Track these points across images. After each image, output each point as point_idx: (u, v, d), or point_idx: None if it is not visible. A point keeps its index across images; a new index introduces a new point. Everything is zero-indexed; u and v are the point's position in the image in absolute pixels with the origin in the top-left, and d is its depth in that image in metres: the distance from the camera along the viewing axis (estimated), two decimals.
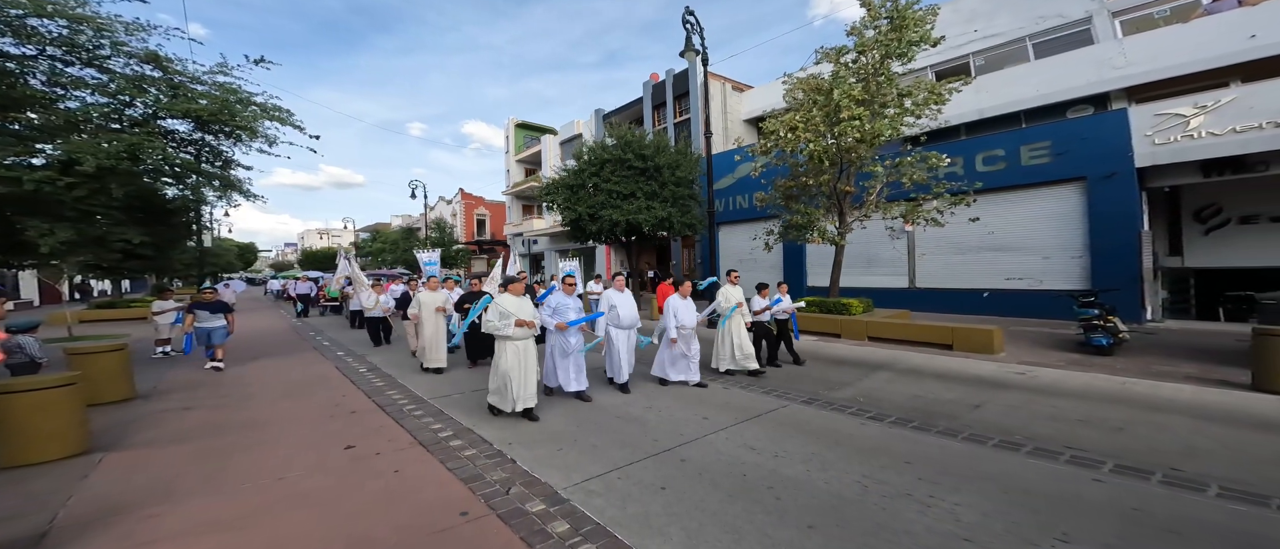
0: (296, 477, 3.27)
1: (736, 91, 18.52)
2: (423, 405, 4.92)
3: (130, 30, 7.38)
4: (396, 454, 3.63)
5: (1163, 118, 8.01)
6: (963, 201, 7.73)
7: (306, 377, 6.47)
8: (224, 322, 6.86)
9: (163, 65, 7.58)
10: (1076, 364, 5.76)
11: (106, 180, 6.99)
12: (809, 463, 3.23)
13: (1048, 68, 10.44)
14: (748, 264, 14.88)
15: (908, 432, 3.80)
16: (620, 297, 5.15)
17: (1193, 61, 8.51)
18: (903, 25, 7.39)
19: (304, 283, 15.98)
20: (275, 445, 3.88)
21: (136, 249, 8.55)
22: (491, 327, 4.10)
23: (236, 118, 7.62)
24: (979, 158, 10.12)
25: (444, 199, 35.70)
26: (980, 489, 2.81)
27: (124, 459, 3.68)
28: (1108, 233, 8.60)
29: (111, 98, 7.46)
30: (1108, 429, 3.77)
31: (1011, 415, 4.12)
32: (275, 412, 4.82)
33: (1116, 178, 8.39)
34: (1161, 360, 5.86)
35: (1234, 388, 4.64)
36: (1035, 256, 9.45)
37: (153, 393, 5.61)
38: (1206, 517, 2.47)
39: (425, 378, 6.19)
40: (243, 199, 9.20)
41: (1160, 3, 9.75)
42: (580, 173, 13.32)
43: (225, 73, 8.04)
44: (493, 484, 3.07)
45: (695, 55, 10.75)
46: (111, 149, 6.64)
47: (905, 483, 2.91)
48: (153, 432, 4.29)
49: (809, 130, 7.65)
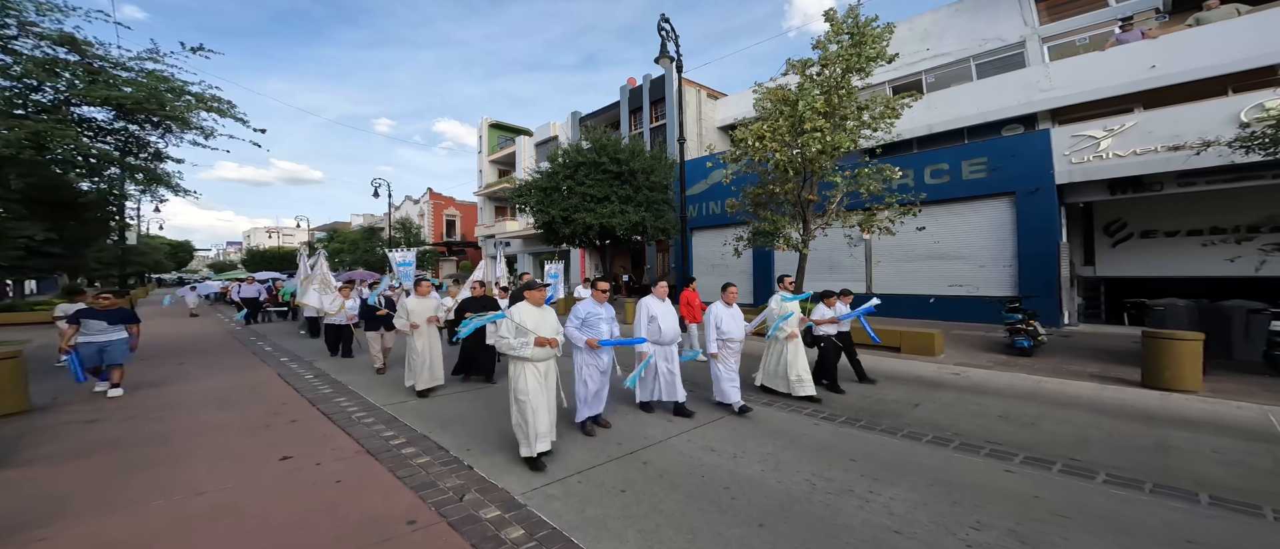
0: (218, 490, 3.01)
1: (711, 99, 18.94)
2: (374, 412, 4.67)
3: (42, 10, 6.64)
4: (339, 464, 3.42)
5: (1078, 139, 8.89)
6: (910, 212, 8.23)
7: (241, 384, 5.99)
8: (124, 334, 5.38)
9: (79, 48, 6.86)
10: (1001, 364, 6.26)
11: (4, 170, 6.22)
12: (764, 463, 3.32)
13: (986, 88, 11.35)
14: (720, 269, 15.19)
15: (855, 430, 3.99)
16: (661, 307, 4.33)
17: (1104, 87, 9.46)
18: (862, 41, 7.83)
19: (251, 285, 14.27)
20: (196, 458, 3.56)
21: (41, 246, 7.61)
22: (506, 346, 3.28)
23: (166, 107, 6.98)
24: (927, 171, 10.84)
25: (412, 198, 34.30)
26: (912, 483, 2.99)
27: (14, 477, 3.28)
28: (1032, 244, 9.39)
29: (15, 81, 6.66)
30: (1022, 424, 4.11)
31: (944, 413, 4.42)
32: (200, 422, 4.44)
33: (1040, 193, 9.21)
34: (1071, 361, 6.44)
35: (1126, 385, 5.20)
36: (973, 265, 10.21)
37: (52, 405, 5.02)
38: (1091, 502, 2.75)
39: (380, 383, 5.86)
40: (171, 194, 8.42)
41: (1082, 31, 10.88)
42: (555, 175, 13.18)
43: (155, 59, 7.38)
44: (445, 491, 2.96)
45: (670, 62, 10.93)
46: (11, 136, 5.92)
47: (849, 479, 3.05)
48: (49, 447, 3.85)
49: (775, 140, 7.93)
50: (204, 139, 7.91)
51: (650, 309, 4.33)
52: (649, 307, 4.33)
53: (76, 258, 9.94)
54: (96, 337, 5.17)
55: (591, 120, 21.28)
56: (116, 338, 5.30)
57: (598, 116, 21.52)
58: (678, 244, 16.12)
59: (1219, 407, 4.50)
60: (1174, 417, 4.28)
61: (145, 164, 7.92)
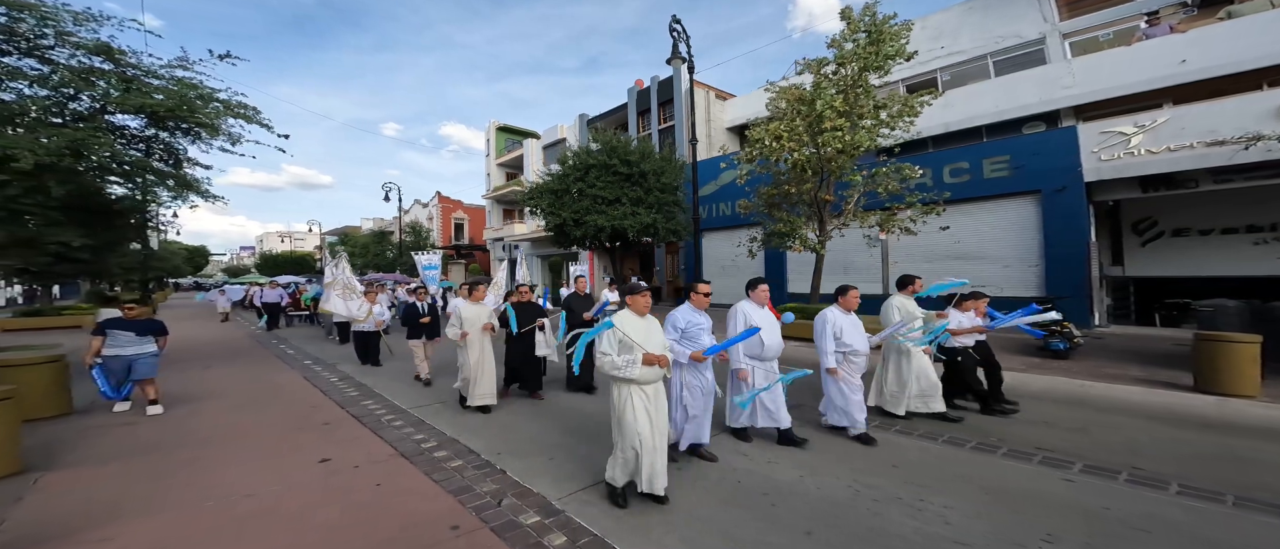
0: (265, 493, 3.06)
1: (720, 100, 18.89)
2: (403, 416, 4.71)
3: (79, 20, 6.84)
4: (375, 467, 3.45)
5: (1107, 135, 8.66)
6: (933, 211, 8.10)
7: (269, 387, 6.09)
8: (154, 347, 4.93)
9: (114, 57, 7.05)
10: (1036, 367, 6.06)
11: (44, 178, 6.41)
12: (800, 469, 3.27)
13: (1004, 85, 11.16)
14: (730, 271, 15.11)
15: (892, 435, 3.90)
16: (759, 313, 3.59)
17: (1132, 83, 9.24)
18: (880, 39, 7.75)
19: (273, 290, 13.93)
20: (239, 461, 3.63)
21: (70, 252, 7.78)
22: (609, 364, 2.73)
23: (196, 114, 7.14)
24: (946, 170, 10.67)
25: (420, 202, 34.69)
26: (962, 491, 2.90)
27: (63, 479, 3.36)
28: (1060, 243, 9.15)
29: (53, 90, 6.87)
30: (1070, 429, 3.98)
31: (984, 417, 4.30)
32: (234, 425, 4.51)
33: (1067, 191, 8.99)
34: (1110, 364, 6.21)
35: (1177, 389, 4.95)
36: (996, 265, 10.00)
37: (92, 408, 5.13)
38: (1167, 514, 2.62)
39: (406, 386, 5.92)
40: (200, 199, 8.61)
41: (1105, 26, 10.64)
42: (565, 177, 13.23)
43: (185, 67, 7.56)
44: (483, 496, 2.96)
45: (681, 62, 10.92)
46: (52, 145, 6.10)
47: (892, 486, 2.98)
48: (94, 449, 3.94)
49: (793, 139, 7.88)
50: (231, 145, 8.08)
51: (748, 316, 3.54)
52: (746, 313, 3.56)
53: (102, 263, 10.18)
54: (124, 349, 4.74)
55: (600, 122, 21.36)
56: (145, 352, 4.85)
57: (605, 118, 21.58)
58: (688, 246, 16.12)
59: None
60: (1233, 423, 4.11)
61: (174, 170, 8.11)
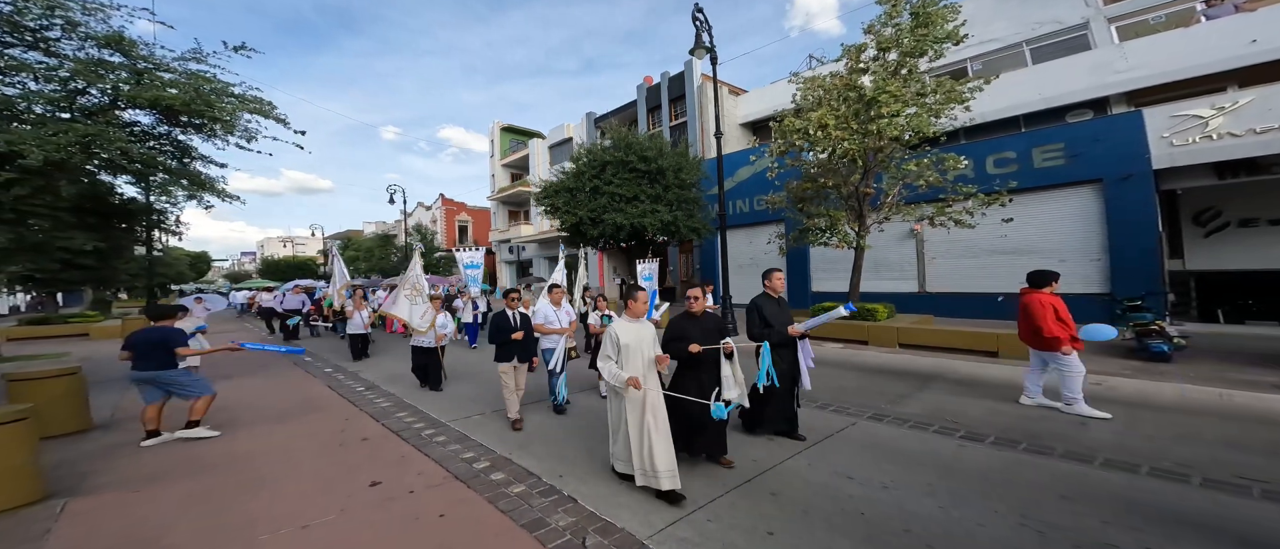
0: (321, 522, 2.70)
1: (733, 95, 18.45)
2: (442, 429, 4.33)
3: (88, 9, 6.50)
4: (431, 492, 3.07)
5: (1179, 119, 8.10)
6: (996, 201, 7.65)
7: (297, 397, 5.72)
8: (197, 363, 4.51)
9: (125, 49, 6.70)
10: (1144, 373, 5.28)
11: (54, 178, 6.09)
12: (933, 494, 2.82)
13: (1047, 72, 10.64)
14: (748, 269, 14.67)
15: (1020, 454, 3.38)
16: None
17: (1194, 66, 8.70)
18: (928, 21, 7.30)
19: (296, 295, 12.46)
20: (282, 483, 3.26)
21: (76, 258, 7.39)
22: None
23: (213, 109, 6.79)
24: (989, 160, 10.17)
25: (423, 205, 34.47)
26: (1200, 536, 2.33)
27: (92, 506, 3.00)
28: (1126, 236, 8.57)
29: (61, 84, 6.53)
30: (1261, 453, 3.24)
31: (1129, 436, 3.65)
32: (270, 441, 4.14)
33: (1133, 179, 8.43)
34: (1231, 368, 5.30)
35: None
36: (1051, 259, 9.42)
37: (112, 421, 4.79)
38: None
39: (436, 395, 5.54)
40: (216, 199, 8.27)
41: (1155, 9, 10.12)
42: (579, 175, 12.83)
43: (199, 59, 7.21)
44: (562, 532, 2.57)
45: (705, 52, 10.52)
46: (61, 141, 5.76)
47: (1077, 522, 2.45)
48: (121, 470, 3.57)
49: (840, 127, 7.43)
50: (247, 142, 7.73)
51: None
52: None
53: (108, 269, 9.80)
54: None
55: (608, 120, 20.93)
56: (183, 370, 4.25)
57: (614, 116, 21.15)
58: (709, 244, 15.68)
59: None
60: None
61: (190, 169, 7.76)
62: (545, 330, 4.68)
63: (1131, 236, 8.52)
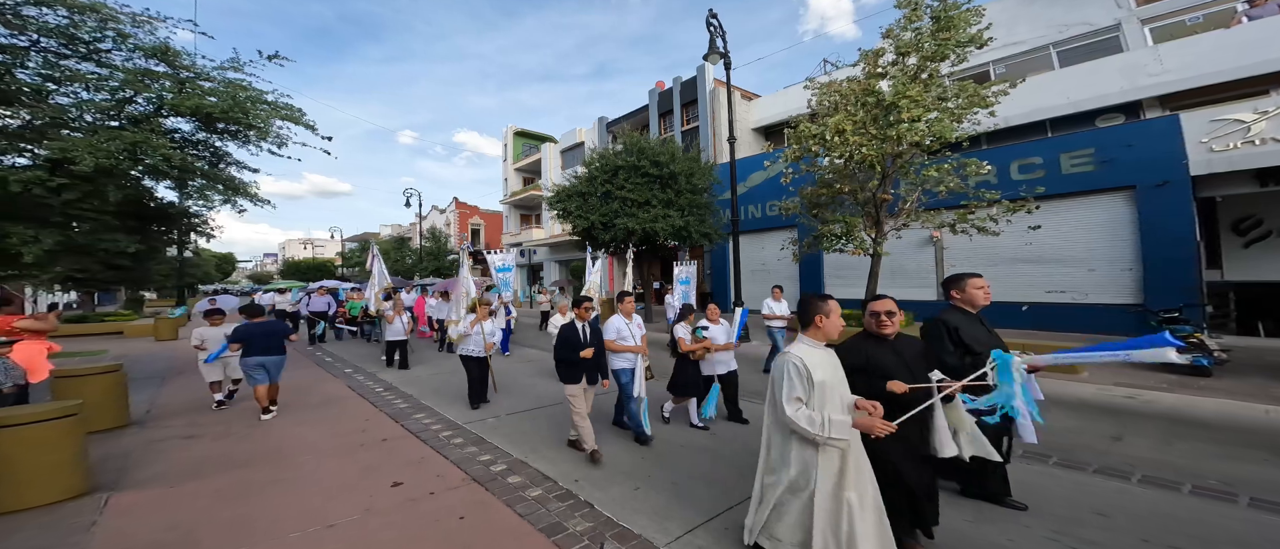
0: (346, 521, 2.78)
1: (746, 100, 18.40)
2: (460, 432, 4.41)
3: (137, 22, 6.89)
4: (451, 494, 3.13)
5: (1219, 124, 7.76)
6: (1023, 208, 7.42)
7: (321, 398, 5.89)
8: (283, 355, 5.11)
9: (170, 59, 7.08)
10: (1183, 386, 5.05)
11: (101, 183, 6.43)
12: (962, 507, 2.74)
13: (1074, 76, 10.32)
14: (759, 275, 14.55)
15: (1053, 469, 3.28)
16: None
17: (1235, 68, 8.34)
18: (951, 25, 7.17)
19: (321, 296, 11.77)
20: (308, 482, 3.37)
21: (114, 259, 7.76)
22: None
23: (249, 116, 7.10)
24: (1014, 165, 9.90)
25: (437, 208, 35.20)
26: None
27: (133, 501, 3.15)
28: (1160, 245, 8.23)
29: (110, 94, 6.93)
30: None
31: (1167, 450, 3.49)
32: (292, 439, 4.29)
33: (1169, 186, 8.09)
34: (1276, 384, 5.06)
35: None
36: (1079, 269, 9.14)
37: (147, 418, 5.02)
38: None
39: (451, 397, 5.64)
40: (249, 203, 8.62)
41: (1193, 9, 9.73)
42: (592, 179, 12.95)
43: (236, 69, 7.56)
44: (579, 537, 2.59)
45: (719, 57, 10.56)
46: (112, 147, 6.10)
47: (1115, 540, 2.36)
48: (158, 465, 3.74)
49: (858, 133, 7.34)
50: (278, 148, 8.05)
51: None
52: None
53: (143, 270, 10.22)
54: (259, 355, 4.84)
55: (620, 125, 21.08)
56: None
57: (626, 120, 21.29)
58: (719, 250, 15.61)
59: None
60: None
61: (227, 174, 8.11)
62: (618, 348, 4.02)
63: (1166, 246, 8.18)
